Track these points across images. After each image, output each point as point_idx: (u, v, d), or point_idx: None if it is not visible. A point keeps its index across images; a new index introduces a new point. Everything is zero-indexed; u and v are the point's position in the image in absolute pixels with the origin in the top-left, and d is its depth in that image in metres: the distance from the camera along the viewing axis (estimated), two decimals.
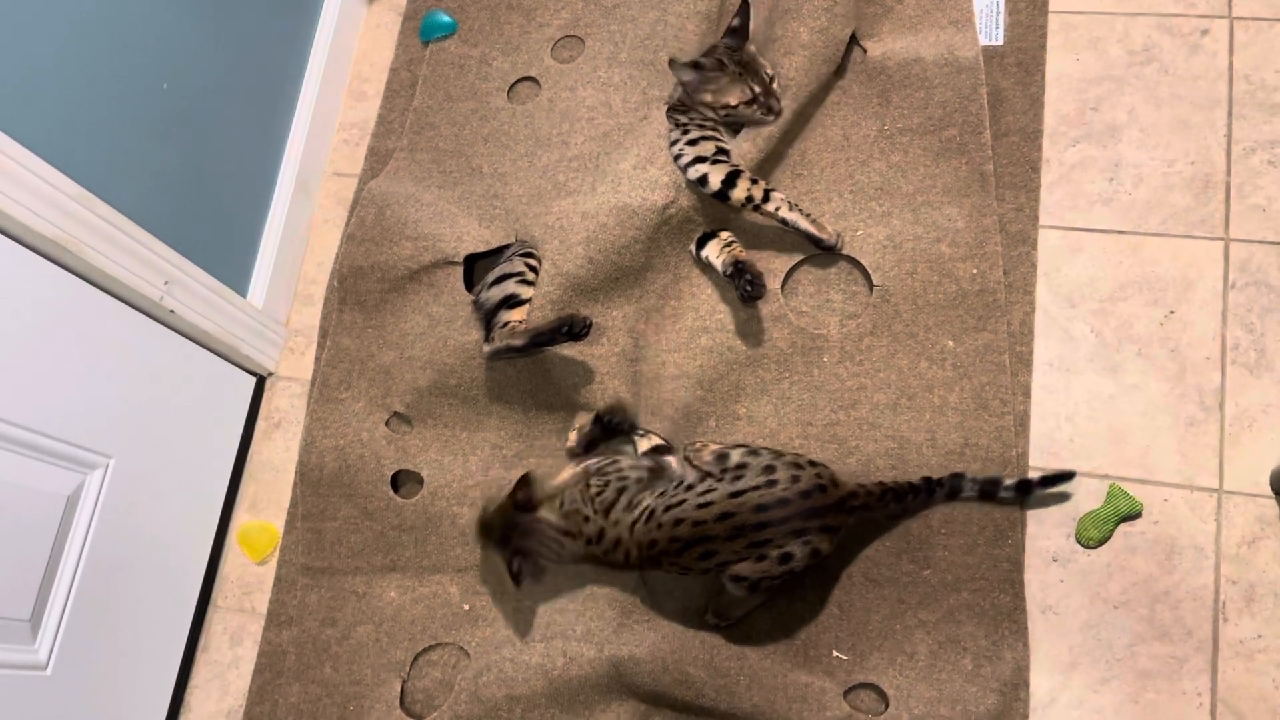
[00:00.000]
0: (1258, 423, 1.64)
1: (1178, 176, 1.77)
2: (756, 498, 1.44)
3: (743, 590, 1.51)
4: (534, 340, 1.65)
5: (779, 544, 1.44)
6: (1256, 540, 1.59)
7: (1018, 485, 1.60)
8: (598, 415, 1.69)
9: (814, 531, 1.45)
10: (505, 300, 1.70)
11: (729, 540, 1.44)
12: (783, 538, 1.43)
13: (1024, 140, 1.82)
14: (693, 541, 1.45)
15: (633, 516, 1.50)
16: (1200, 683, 1.55)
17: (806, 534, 1.44)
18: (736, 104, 1.71)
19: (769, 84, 1.71)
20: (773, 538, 1.43)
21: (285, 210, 2.01)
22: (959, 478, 1.61)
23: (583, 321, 1.61)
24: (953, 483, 1.61)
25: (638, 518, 1.49)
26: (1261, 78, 1.80)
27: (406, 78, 2.16)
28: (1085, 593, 1.61)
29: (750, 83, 1.70)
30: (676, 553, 1.46)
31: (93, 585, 1.59)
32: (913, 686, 1.57)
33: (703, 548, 1.45)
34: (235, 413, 1.95)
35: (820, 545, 1.46)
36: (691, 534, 1.45)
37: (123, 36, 1.55)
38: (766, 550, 1.44)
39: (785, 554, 1.44)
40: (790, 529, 1.43)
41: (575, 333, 1.61)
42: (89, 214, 1.51)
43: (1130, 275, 1.74)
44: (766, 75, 1.72)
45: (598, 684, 1.64)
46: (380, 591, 1.81)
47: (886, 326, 1.73)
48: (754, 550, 1.44)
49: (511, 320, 1.69)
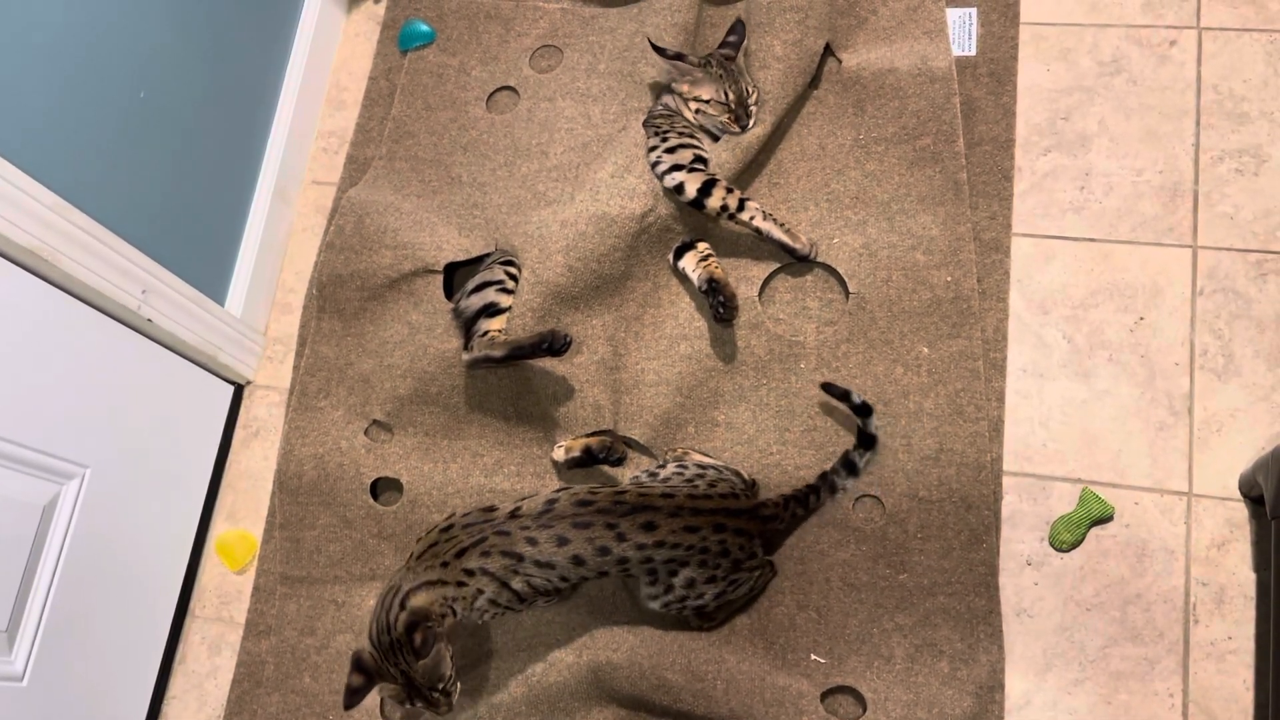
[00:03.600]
0: (1226, 427, 1.66)
1: (1147, 185, 1.80)
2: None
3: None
4: (513, 353, 1.65)
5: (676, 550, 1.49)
6: (1226, 543, 1.62)
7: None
8: (588, 447, 1.69)
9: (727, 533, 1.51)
10: (485, 309, 1.71)
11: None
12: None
13: (996, 149, 1.85)
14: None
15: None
16: (1172, 683, 1.57)
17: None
18: (709, 99, 1.74)
19: (745, 98, 1.74)
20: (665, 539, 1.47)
21: (264, 218, 2.01)
22: (846, 455, 1.67)
23: (562, 338, 1.62)
24: (845, 460, 1.67)
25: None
26: (1229, 87, 1.83)
27: (385, 86, 2.16)
28: (1059, 595, 1.63)
29: (727, 86, 1.72)
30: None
31: (69, 596, 1.58)
32: (890, 689, 1.59)
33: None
34: (213, 421, 1.94)
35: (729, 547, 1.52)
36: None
37: (99, 45, 1.55)
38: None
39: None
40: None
41: (555, 349, 1.62)
42: (65, 223, 1.51)
43: (1101, 282, 1.76)
44: (747, 89, 1.74)
45: (576, 690, 1.65)
46: (360, 600, 1.81)
47: (862, 333, 1.75)
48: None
49: (491, 330, 1.70)
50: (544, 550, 1.44)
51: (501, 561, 1.44)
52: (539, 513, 1.46)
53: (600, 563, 1.46)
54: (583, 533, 1.44)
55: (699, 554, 1.49)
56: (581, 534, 1.44)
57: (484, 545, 1.44)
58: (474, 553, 1.44)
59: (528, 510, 1.47)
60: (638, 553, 1.46)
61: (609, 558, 1.45)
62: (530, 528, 1.45)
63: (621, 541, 1.45)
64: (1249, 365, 1.68)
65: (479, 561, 1.44)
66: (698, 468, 1.60)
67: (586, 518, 1.45)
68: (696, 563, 1.49)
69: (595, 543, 1.44)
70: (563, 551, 1.44)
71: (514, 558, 1.44)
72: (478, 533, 1.46)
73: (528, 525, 1.45)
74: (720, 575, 1.52)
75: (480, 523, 1.47)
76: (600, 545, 1.44)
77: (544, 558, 1.44)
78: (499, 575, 1.44)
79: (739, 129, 1.75)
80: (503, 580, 1.45)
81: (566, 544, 1.44)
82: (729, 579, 1.54)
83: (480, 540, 1.45)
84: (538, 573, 1.46)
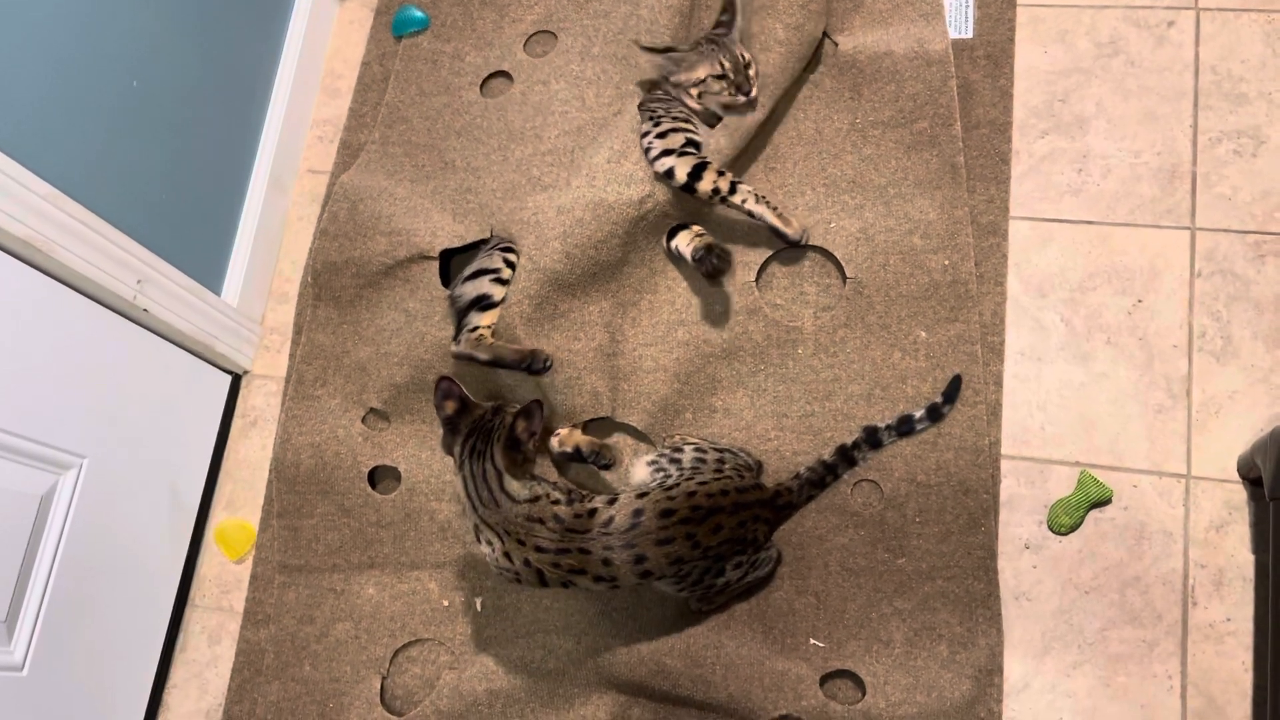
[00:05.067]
0: (1224, 409, 1.66)
1: (1145, 167, 1.79)
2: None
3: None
4: (495, 362, 1.67)
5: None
6: (1224, 525, 1.62)
7: (929, 412, 1.66)
8: (578, 447, 1.69)
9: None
10: (477, 300, 1.70)
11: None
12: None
13: (994, 132, 1.84)
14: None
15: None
16: (1171, 666, 1.57)
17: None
18: (705, 77, 1.73)
19: (742, 65, 1.72)
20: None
21: (259, 207, 2.00)
22: (873, 430, 1.66)
23: (542, 360, 1.64)
24: (870, 438, 1.67)
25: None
26: (1227, 68, 1.82)
27: (379, 72, 2.15)
28: (1057, 579, 1.63)
29: (721, 57, 1.71)
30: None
31: (68, 586, 1.58)
32: (889, 674, 1.59)
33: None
34: (211, 411, 1.94)
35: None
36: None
37: (90, 33, 1.54)
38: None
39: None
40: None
41: (533, 369, 1.65)
42: (60, 213, 1.50)
43: (1099, 265, 1.76)
44: (742, 58, 1.73)
45: (577, 676, 1.65)
46: (359, 588, 1.81)
47: (860, 318, 1.74)
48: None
49: (481, 327, 1.69)
50: (616, 570, 1.44)
51: (569, 565, 1.44)
52: (625, 528, 1.44)
53: (664, 569, 1.45)
54: (662, 549, 1.44)
55: (749, 546, 1.54)
56: (660, 550, 1.43)
57: (562, 558, 1.44)
58: (549, 554, 1.44)
59: (617, 525, 1.44)
60: (703, 557, 1.48)
61: (677, 566, 1.46)
62: (614, 548, 1.43)
63: (695, 549, 1.46)
64: (1247, 347, 1.68)
65: (551, 558, 1.44)
66: (716, 453, 1.61)
67: (669, 532, 1.44)
68: (739, 554, 1.53)
69: (671, 555, 1.44)
70: (636, 569, 1.44)
71: (579, 573, 1.44)
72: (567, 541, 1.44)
73: (611, 545, 1.43)
74: (745, 561, 1.56)
75: (578, 531, 1.44)
76: (676, 557, 1.45)
77: (607, 575, 1.44)
78: (553, 568, 1.45)
79: (744, 99, 1.73)
80: (552, 567, 1.45)
81: (642, 561, 1.43)
82: (751, 561, 1.57)
83: (564, 551, 1.44)
84: (590, 585, 1.46)
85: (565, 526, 1.43)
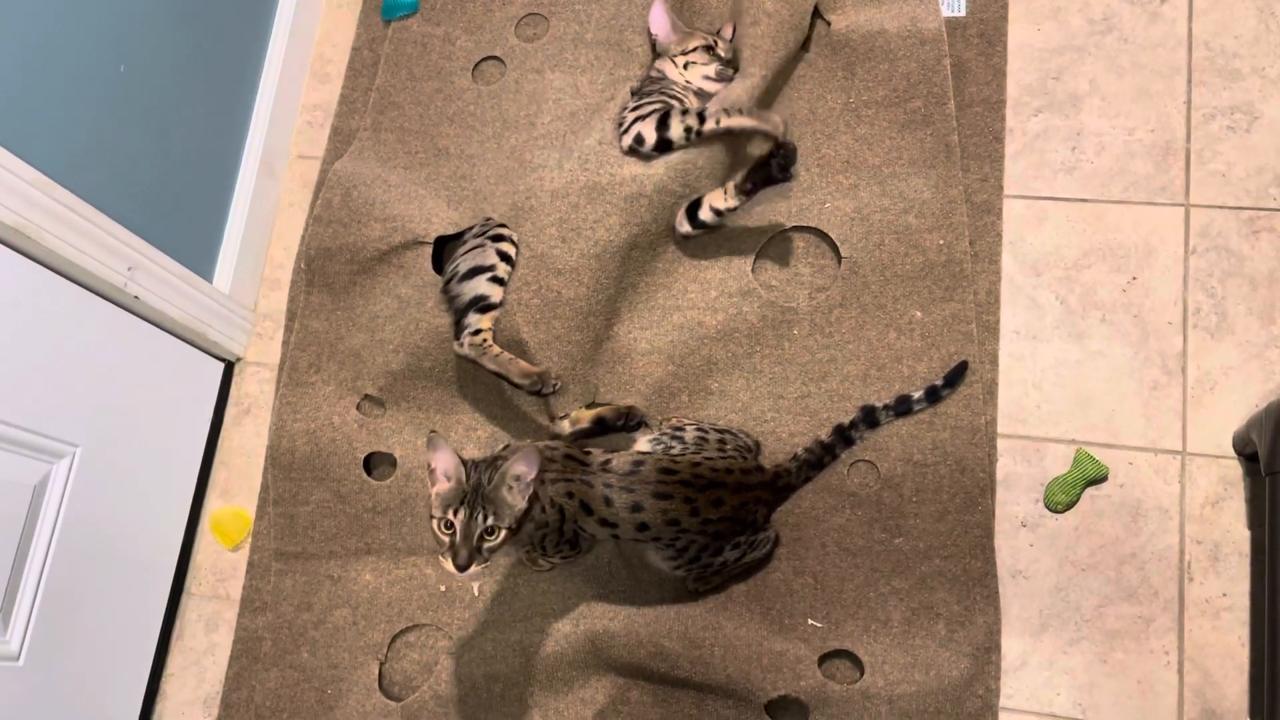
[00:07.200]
0: (1219, 385, 1.66)
1: (1139, 144, 1.79)
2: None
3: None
4: (497, 375, 1.66)
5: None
6: (1220, 501, 1.62)
7: (927, 394, 1.66)
8: (600, 418, 1.69)
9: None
10: (475, 301, 1.68)
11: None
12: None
13: (987, 111, 1.83)
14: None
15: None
16: (1167, 641, 1.58)
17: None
18: (695, 47, 1.79)
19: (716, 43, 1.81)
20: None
21: (250, 194, 1.99)
22: (870, 410, 1.67)
23: (551, 385, 1.65)
24: (867, 417, 1.67)
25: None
26: (1220, 44, 1.82)
27: (369, 57, 2.14)
28: (1054, 556, 1.64)
29: (708, 35, 1.81)
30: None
31: (63, 575, 1.58)
32: (887, 653, 1.59)
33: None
34: (204, 399, 1.93)
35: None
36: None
37: (74, 17, 1.53)
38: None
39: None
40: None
41: (542, 393, 1.65)
42: (48, 200, 1.49)
43: (1093, 243, 1.76)
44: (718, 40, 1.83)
45: (574, 660, 1.65)
46: (355, 575, 1.80)
47: (855, 298, 1.74)
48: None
49: (483, 329, 1.67)
50: (616, 515, 1.45)
51: (580, 497, 1.45)
52: (625, 472, 1.46)
53: (660, 529, 1.46)
54: (659, 503, 1.45)
55: (748, 527, 1.54)
56: (658, 504, 1.45)
57: (570, 486, 1.45)
58: (560, 485, 1.45)
59: (616, 467, 1.47)
60: (702, 529, 1.48)
61: (674, 528, 1.47)
62: (613, 487, 1.45)
63: (694, 516, 1.46)
64: (1242, 323, 1.68)
65: (560, 498, 1.45)
66: (717, 433, 1.61)
67: (668, 488, 1.45)
68: (738, 534, 1.54)
69: (668, 515, 1.45)
70: (633, 518, 1.45)
71: (587, 512, 1.46)
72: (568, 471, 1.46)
73: (610, 484, 1.45)
74: (744, 542, 1.56)
75: (577, 459, 1.47)
76: (672, 518, 1.45)
77: (610, 518, 1.46)
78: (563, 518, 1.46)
79: (731, 70, 1.78)
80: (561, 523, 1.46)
81: (639, 510, 1.45)
82: (750, 541, 1.58)
83: (567, 479, 1.45)
84: (597, 529, 1.48)
85: (564, 453, 1.46)
